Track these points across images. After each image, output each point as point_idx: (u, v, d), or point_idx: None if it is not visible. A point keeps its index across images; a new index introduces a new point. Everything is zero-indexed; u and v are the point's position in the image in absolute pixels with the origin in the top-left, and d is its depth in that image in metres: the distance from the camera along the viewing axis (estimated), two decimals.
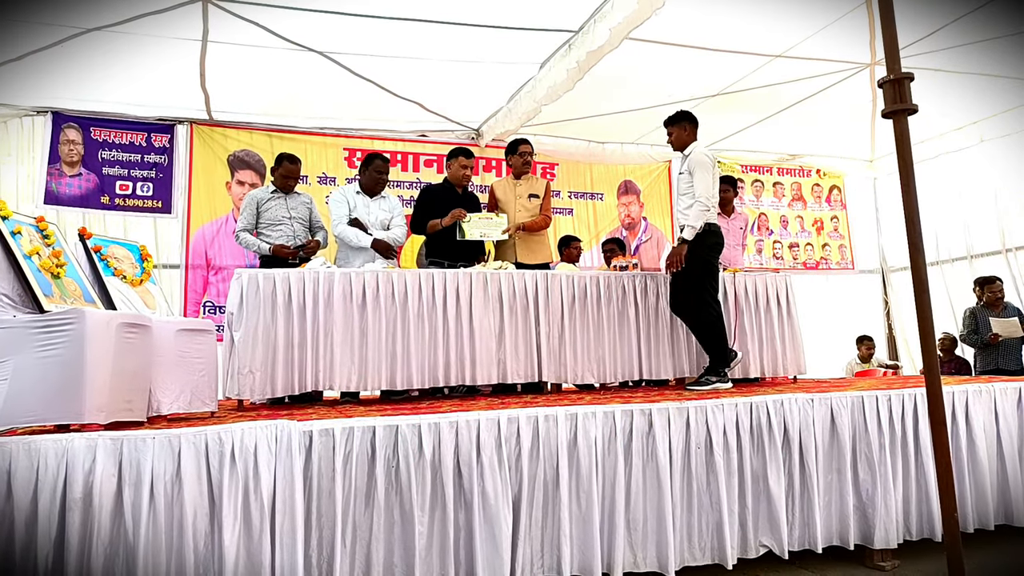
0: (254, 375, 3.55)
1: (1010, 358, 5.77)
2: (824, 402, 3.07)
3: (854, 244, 7.89)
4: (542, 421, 2.68)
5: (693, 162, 3.99)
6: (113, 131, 5.51)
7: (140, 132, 5.58)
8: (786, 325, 4.66)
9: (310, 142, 5.97)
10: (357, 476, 2.45)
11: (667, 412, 2.83)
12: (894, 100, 2.13)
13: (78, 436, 2.21)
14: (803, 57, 5.14)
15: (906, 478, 3.18)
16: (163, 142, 5.63)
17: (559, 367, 4.09)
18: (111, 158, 5.47)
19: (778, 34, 4.84)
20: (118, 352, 2.47)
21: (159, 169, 5.60)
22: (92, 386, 2.36)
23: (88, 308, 2.51)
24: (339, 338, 3.71)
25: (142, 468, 2.23)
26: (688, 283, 3.99)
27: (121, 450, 2.22)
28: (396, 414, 2.84)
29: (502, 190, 4.73)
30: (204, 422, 2.78)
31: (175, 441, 2.28)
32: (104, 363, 2.41)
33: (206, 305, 5.53)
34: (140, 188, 5.52)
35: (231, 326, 3.58)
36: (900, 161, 2.18)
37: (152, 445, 2.26)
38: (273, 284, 3.67)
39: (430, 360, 3.84)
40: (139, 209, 5.50)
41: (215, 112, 5.65)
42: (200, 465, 2.30)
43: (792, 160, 7.62)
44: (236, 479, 2.31)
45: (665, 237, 7.11)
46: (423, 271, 3.98)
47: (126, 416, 2.52)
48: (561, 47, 4.67)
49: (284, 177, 4.51)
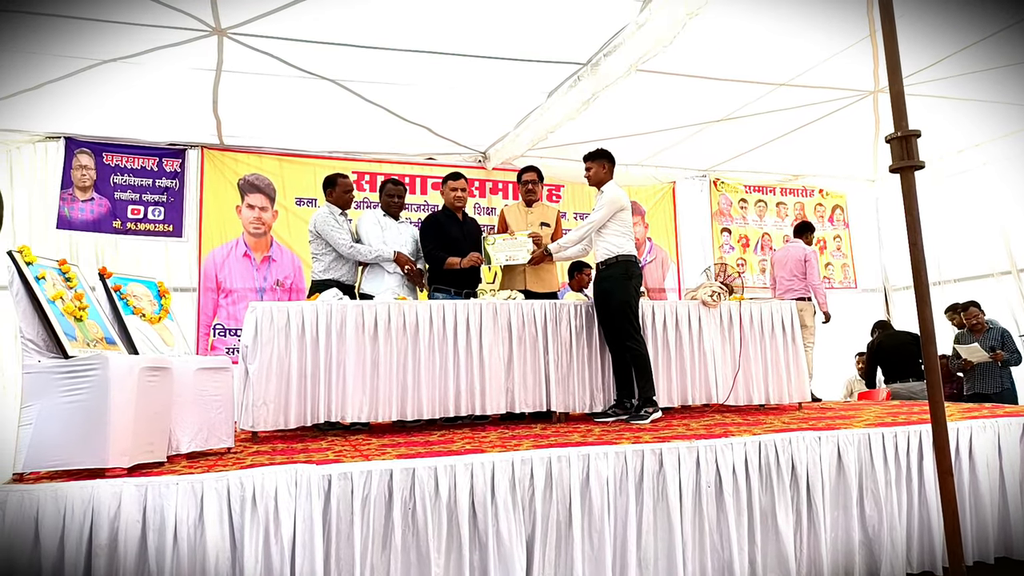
0: (268, 407, 3.60)
1: (989, 381, 5.88)
2: (831, 440, 3.11)
3: (857, 263, 7.95)
4: (555, 462, 2.72)
5: (604, 199, 4.17)
6: (125, 156, 5.58)
7: (152, 157, 5.65)
8: (790, 352, 4.70)
9: (319, 166, 6.03)
10: (375, 519, 2.49)
11: (677, 451, 2.87)
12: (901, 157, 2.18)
13: (104, 483, 2.26)
14: (808, 85, 5.21)
15: (910, 512, 3.22)
16: (174, 166, 5.70)
17: (567, 395, 4.13)
18: (123, 183, 5.54)
19: (783, 64, 4.91)
20: (141, 396, 2.51)
21: (170, 193, 5.66)
22: (116, 431, 2.41)
23: (111, 353, 2.56)
24: (351, 369, 3.75)
25: (166, 514, 2.28)
26: (609, 322, 4.13)
27: (145, 496, 2.27)
28: (411, 452, 2.88)
29: (512, 216, 4.78)
30: (223, 460, 2.83)
31: (198, 487, 2.32)
32: (127, 408, 2.45)
33: (216, 328, 5.58)
34: (152, 212, 5.58)
35: (246, 359, 3.63)
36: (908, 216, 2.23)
37: (176, 491, 2.30)
38: (287, 316, 3.72)
39: (440, 390, 3.88)
40: (150, 233, 5.57)
41: (226, 137, 5.72)
42: (222, 510, 2.34)
43: (795, 180, 7.69)
44: (257, 523, 2.36)
45: (670, 257, 7.18)
46: (434, 303, 4.03)
47: (147, 458, 2.57)
48: (569, 78, 4.74)
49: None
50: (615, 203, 4.16)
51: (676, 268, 7.23)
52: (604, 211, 4.14)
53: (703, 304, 4.56)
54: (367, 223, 4.52)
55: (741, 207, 7.53)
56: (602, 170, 4.27)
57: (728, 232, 7.44)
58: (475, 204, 6.48)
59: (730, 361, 4.54)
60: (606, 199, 4.17)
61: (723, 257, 7.22)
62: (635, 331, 4.07)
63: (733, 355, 4.54)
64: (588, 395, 4.20)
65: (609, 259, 4.15)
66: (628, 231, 4.20)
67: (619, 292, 4.07)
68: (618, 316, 4.06)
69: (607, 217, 4.15)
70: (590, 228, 4.22)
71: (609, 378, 4.27)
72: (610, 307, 4.09)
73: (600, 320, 4.23)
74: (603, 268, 4.20)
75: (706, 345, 4.49)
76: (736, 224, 7.50)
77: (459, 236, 4.55)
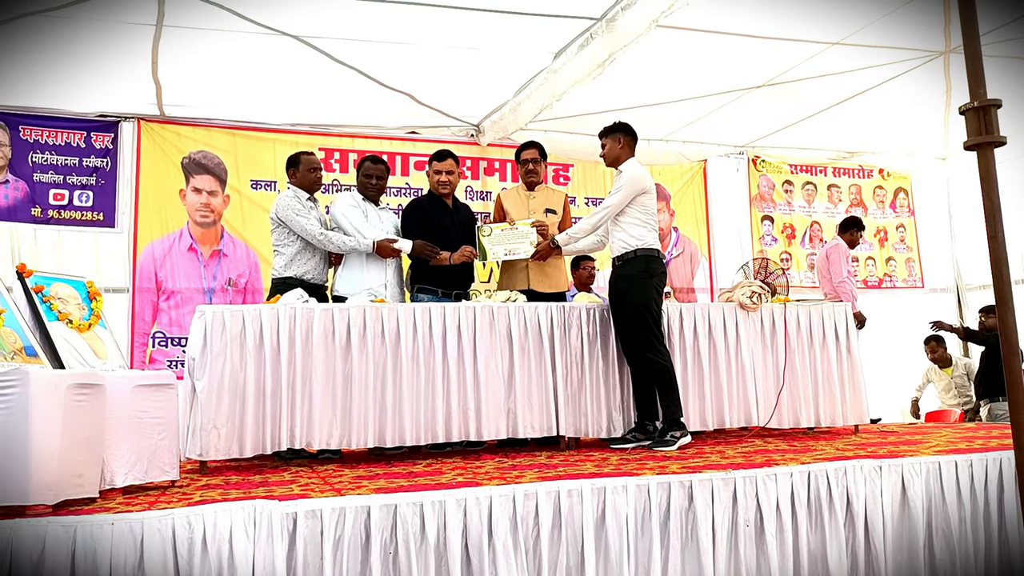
0: (219, 431, 3.61)
1: None
2: (894, 469, 3.14)
3: (924, 257, 7.97)
4: (564, 496, 2.74)
5: (623, 179, 4.18)
6: (46, 130, 5.57)
7: (78, 131, 5.64)
8: (845, 364, 4.73)
9: (280, 141, 6.02)
10: (349, 565, 2.50)
11: (710, 484, 2.90)
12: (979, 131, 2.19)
13: (24, 523, 2.27)
14: (865, 45, 5.23)
15: (988, 554, 3.25)
16: (105, 142, 5.69)
17: (578, 417, 4.15)
18: (43, 162, 5.53)
19: (836, 19, 4.92)
20: (67, 418, 2.52)
21: (100, 175, 5.66)
22: (38, 460, 2.42)
23: (32, 367, 2.57)
24: (319, 386, 3.77)
25: (99, 559, 2.28)
26: (627, 329, 4.14)
27: (74, 539, 2.28)
28: (392, 486, 2.89)
29: (512, 202, 4.80)
30: (167, 496, 2.85)
31: (137, 528, 2.33)
32: (52, 433, 2.46)
33: (156, 336, 5.59)
34: (78, 198, 5.57)
35: (192, 374, 3.64)
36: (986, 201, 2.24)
37: (110, 532, 2.31)
38: (242, 323, 3.73)
39: (427, 411, 3.89)
40: (77, 223, 5.56)
41: (168, 106, 5.71)
42: (166, 554, 2.35)
43: (850, 159, 7.71)
44: (208, 570, 2.37)
45: (700, 251, 7.19)
46: (417, 305, 4.05)
47: (76, 493, 2.58)
48: (580, 36, 4.74)
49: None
50: (636, 184, 4.17)
51: (708, 264, 7.23)
52: (622, 194, 4.15)
53: (740, 307, 4.57)
54: (343, 206, 4.53)
55: (786, 191, 7.55)
56: (619, 146, 4.29)
57: (770, 220, 7.46)
58: (467, 187, 6.48)
59: (773, 376, 4.56)
60: (625, 179, 4.18)
61: (764, 251, 7.23)
62: (658, 340, 4.09)
63: (776, 368, 4.56)
64: (604, 417, 4.22)
65: (627, 253, 4.16)
66: (651, 219, 4.22)
67: (638, 293, 4.08)
68: (637, 322, 4.07)
69: (626, 201, 4.16)
70: (606, 214, 4.23)
71: (628, 396, 4.29)
72: (628, 311, 4.11)
73: (617, 327, 4.25)
74: (620, 264, 4.21)
75: (744, 356, 4.51)
76: (780, 211, 7.51)
77: (448, 226, 4.56)
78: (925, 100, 6.24)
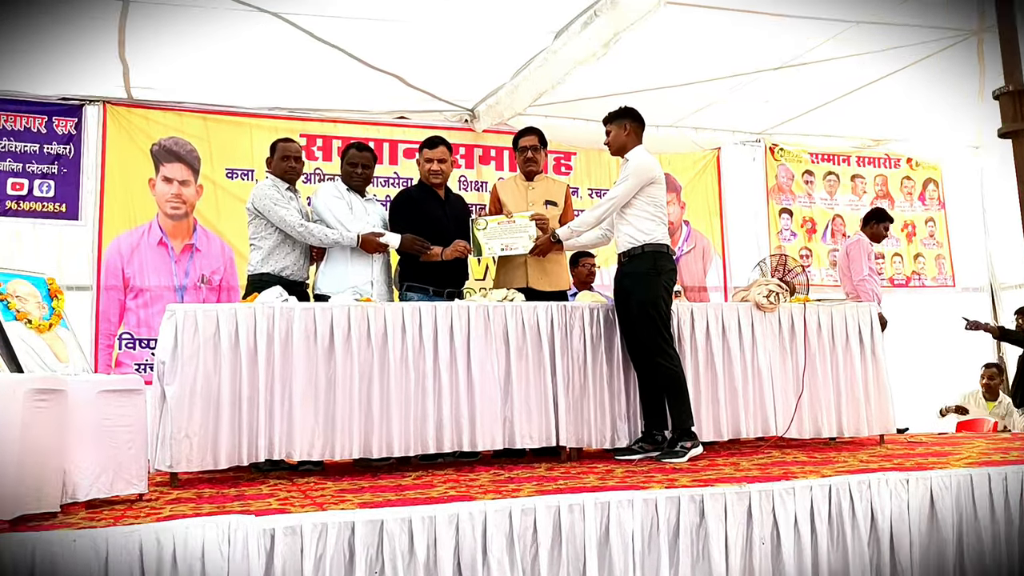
0: (191, 441, 3.60)
1: None
2: (922, 482, 3.15)
3: (955, 254, 7.99)
4: (565, 512, 2.75)
5: (629, 168, 4.19)
6: (3, 114, 5.54)
7: (38, 115, 5.62)
8: (870, 369, 4.75)
9: (258, 127, 6.02)
10: None
11: (723, 498, 2.90)
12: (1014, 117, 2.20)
13: None
14: (892, 23, 5.23)
15: None
16: (68, 128, 5.68)
17: (581, 426, 4.16)
18: (0, 149, 5.52)
19: None
20: (26, 427, 2.52)
21: (62, 163, 5.65)
22: None
23: None
24: (300, 392, 3.76)
25: None
26: (632, 331, 4.14)
27: (33, 557, 2.27)
28: (378, 500, 2.89)
29: (509, 193, 4.80)
30: (134, 510, 2.85)
31: (102, 544, 2.33)
32: (8, 442, 2.46)
33: (122, 338, 5.58)
34: (38, 188, 5.56)
35: (162, 378, 3.64)
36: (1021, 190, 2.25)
37: (73, 550, 2.31)
38: (216, 323, 3.72)
39: (416, 419, 3.89)
40: (37, 215, 5.54)
41: (136, 89, 5.70)
42: (133, 574, 2.35)
43: (876, 147, 7.73)
44: None
45: (713, 247, 7.20)
46: (406, 304, 4.05)
47: (35, 507, 2.57)
48: (583, 14, 4.74)
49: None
50: (643, 174, 4.17)
51: (721, 260, 7.25)
52: (629, 184, 4.16)
53: (757, 307, 4.58)
54: (326, 197, 4.53)
55: (806, 181, 7.56)
56: (625, 133, 4.30)
57: (789, 214, 7.47)
58: (460, 177, 6.48)
59: (792, 381, 4.57)
60: (631, 169, 4.18)
61: (782, 246, 7.24)
62: (666, 343, 4.09)
63: (796, 373, 4.57)
64: (608, 426, 4.22)
65: (634, 248, 4.17)
66: (659, 212, 4.22)
67: (646, 292, 4.09)
68: (644, 323, 4.07)
69: (632, 192, 4.17)
70: (611, 206, 4.24)
71: (635, 404, 4.29)
72: (634, 311, 4.11)
73: (622, 328, 4.25)
74: (626, 261, 4.22)
75: (761, 360, 4.52)
76: (800, 203, 7.52)
77: (440, 218, 4.56)
78: (956, 83, 6.24)
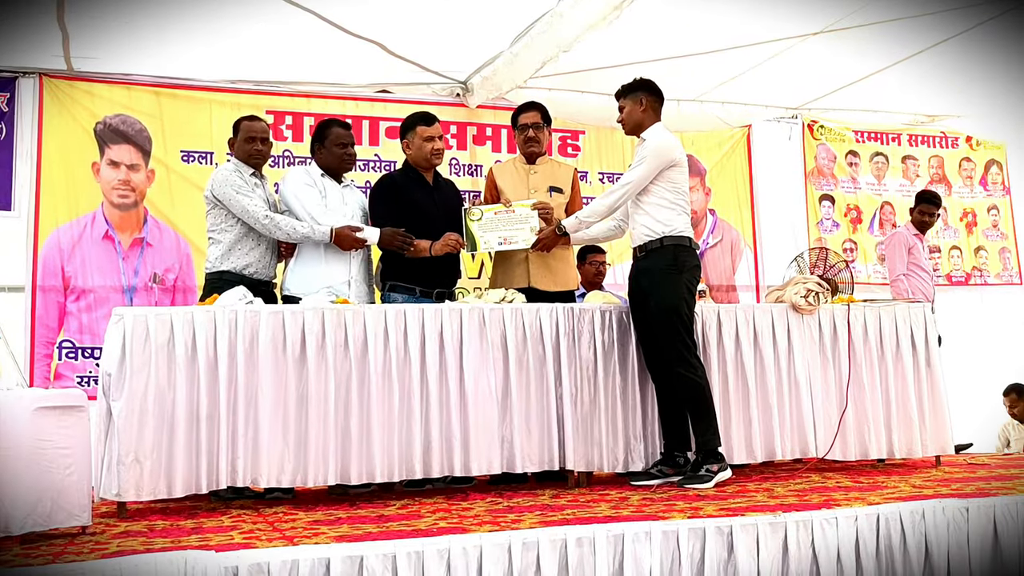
0: (142, 465, 3.59)
1: None
2: (984, 511, 3.14)
3: (1022, 247, 7.98)
4: (572, 546, 2.75)
5: (646, 149, 4.20)
6: None
7: None
8: (924, 380, 4.75)
9: (218, 102, 6.02)
10: None
11: (755, 529, 2.91)
12: None
13: None
14: None
15: None
16: None
17: (590, 447, 4.15)
18: None
19: None
20: None
21: None
22: None
23: None
24: (267, 409, 3.76)
25: None
26: (650, 337, 4.15)
27: None
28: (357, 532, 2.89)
29: (507, 178, 4.80)
30: (76, 545, 2.84)
31: None
32: None
33: (62, 346, 5.58)
34: None
35: (108, 393, 3.63)
36: None
37: None
38: (170, 329, 3.72)
39: (401, 440, 3.89)
40: None
41: (77, 59, 5.69)
42: None
43: (930, 123, 7.72)
44: None
45: (743, 239, 7.20)
46: (389, 307, 4.05)
47: None
48: None
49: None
50: (662, 156, 4.17)
51: (752, 255, 7.26)
52: (646, 167, 4.16)
53: (794, 309, 4.58)
54: (295, 184, 4.51)
55: (850, 164, 7.56)
56: (641, 109, 4.30)
57: (831, 201, 7.47)
58: (452, 160, 6.47)
59: (834, 394, 4.57)
60: (649, 150, 4.19)
61: (823, 238, 7.24)
62: (689, 351, 4.09)
63: (839, 385, 4.57)
64: (621, 447, 4.23)
65: (651, 242, 4.17)
66: (681, 199, 4.23)
67: (665, 292, 4.09)
68: (664, 328, 4.07)
69: (650, 176, 4.17)
70: (625, 193, 4.24)
71: (653, 421, 4.30)
72: (652, 314, 4.11)
73: (638, 334, 4.26)
74: (642, 256, 4.22)
75: (798, 370, 4.52)
76: (843, 189, 7.52)
77: (428, 207, 4.56)
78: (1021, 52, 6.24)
